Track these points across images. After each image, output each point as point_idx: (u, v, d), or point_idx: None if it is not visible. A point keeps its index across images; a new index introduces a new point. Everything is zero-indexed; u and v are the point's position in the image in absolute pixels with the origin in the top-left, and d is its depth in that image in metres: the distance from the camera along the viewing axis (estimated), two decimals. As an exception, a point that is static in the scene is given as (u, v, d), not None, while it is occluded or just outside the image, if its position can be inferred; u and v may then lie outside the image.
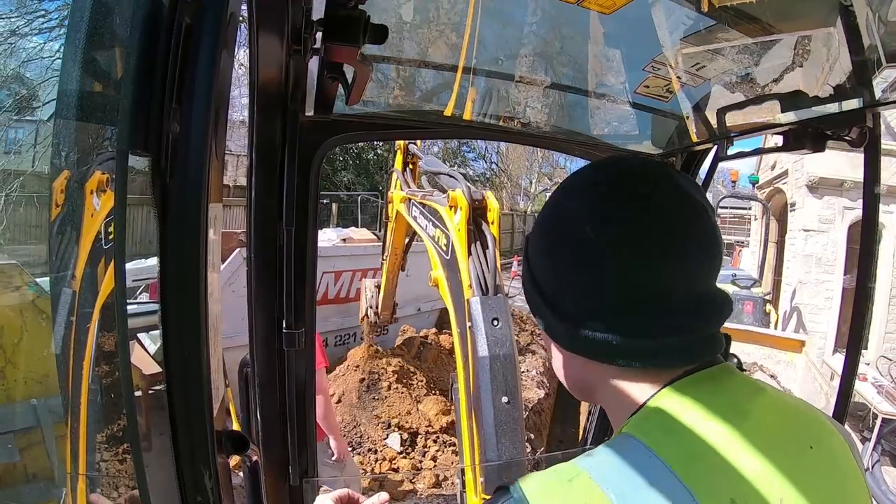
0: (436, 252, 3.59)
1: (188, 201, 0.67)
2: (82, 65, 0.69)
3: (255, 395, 1.63)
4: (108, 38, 0.68)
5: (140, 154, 0.62)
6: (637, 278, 0.70)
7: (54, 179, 1.15)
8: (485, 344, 2.83)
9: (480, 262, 3.16)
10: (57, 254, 1.28)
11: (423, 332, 9.62)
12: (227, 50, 0.67)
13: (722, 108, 1.73)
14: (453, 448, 6.79)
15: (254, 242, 1.54)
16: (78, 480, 1.22)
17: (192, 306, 0.71)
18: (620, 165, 0.79)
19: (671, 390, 0.70)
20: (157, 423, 0.75)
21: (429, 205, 3.98)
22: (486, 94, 1.87)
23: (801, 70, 1.46)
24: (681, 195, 0.73)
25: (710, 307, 0.73)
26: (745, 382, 0.75)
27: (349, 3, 1.05)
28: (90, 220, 2.16)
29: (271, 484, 1.67)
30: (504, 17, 1.67)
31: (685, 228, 0.71)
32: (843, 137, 1.49)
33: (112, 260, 1.07)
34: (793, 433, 0.71)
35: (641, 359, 0.71)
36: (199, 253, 0.69)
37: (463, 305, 3.05)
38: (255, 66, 1.19)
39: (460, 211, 3.33)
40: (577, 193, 0.78)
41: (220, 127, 0.72)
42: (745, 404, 0.71)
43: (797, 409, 0.76)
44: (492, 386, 2.78)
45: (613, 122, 2.08)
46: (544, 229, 0.80)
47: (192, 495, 0.73)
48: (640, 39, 1.56)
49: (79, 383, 1.25)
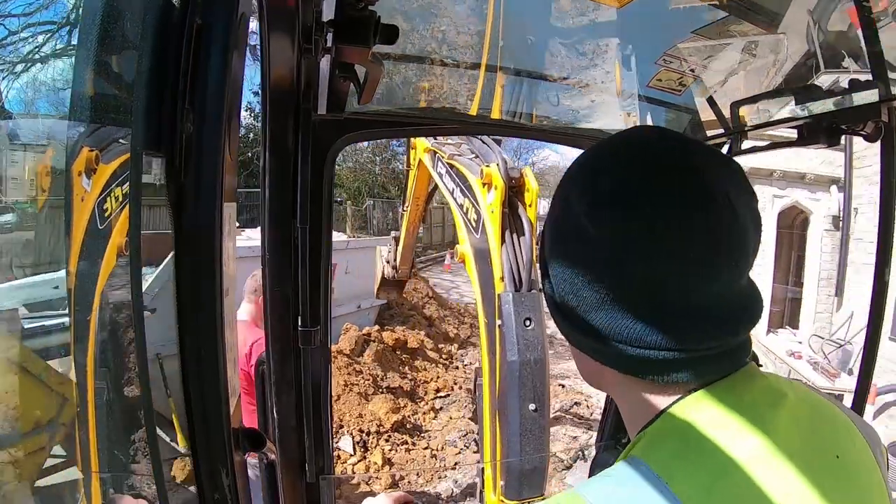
0: (463, 224, 3.24)
1: (203, 200, 0.68)
2: (95, 66, 0.70)
3: (271, 393, 1.64)
4: (120, 39, 0.69)
5: (154, 154, 0.62)
6: (661, 285, 0.62)
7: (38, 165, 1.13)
8: (515, 346, 2.67)
9: (515, 251, 2.89)
10: (47, 244, 1.29)
11: (365, 330, 9.50)
12: (239, 50, 0.67)
13: (736, 101, 1.71)
14: (406, 447, 6.73)
15: (268, 241, 1.55)
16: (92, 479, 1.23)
17: (208, 304, 0.71)
18: (637, 143, 0.69)
19: (690, 404, 0.64)
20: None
21: (457, 168, 3.53)
22: (497, 90, 1.86)
23: (815, 63, 1.44)
24: (706, 177, 0.63)
25: (743, 311, 0.66)
26: (767, 388, 0.68)
27: (359, 4, 1.05)
28: (80, 204, 2.11)
29: (288, 481, 1.68)
30: (516, 13, 1.67)
31: (711, 220, 0.62)
32: (857, 132, 1.47)
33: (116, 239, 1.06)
34: (819, 443, 0.66)
35: (671, 373, 0.65)
36: (213, 251, 0.70)
37: (492, 298, 2.84)
38: (267, 66, 1.20)
39: (495, 190, 2.98)
40: (587, 183, 0.68)
41: (233, 126, 0.72)
42: (768, 414, 0.64)
43: (821, 412, 0.71)
44: (520, 393, 2.66)
45: (626, 117, 2.06)
46: (556, 224, 0.72)
47: (209, 492, 0.73)
48: (652, 33, 1.55)
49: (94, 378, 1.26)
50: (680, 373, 0.64)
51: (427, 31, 1.65)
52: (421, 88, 1.90)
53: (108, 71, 0.70)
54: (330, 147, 1.63)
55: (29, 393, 1.84)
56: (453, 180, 3.59)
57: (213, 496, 0.73)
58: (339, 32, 1.10)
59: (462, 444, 7.04)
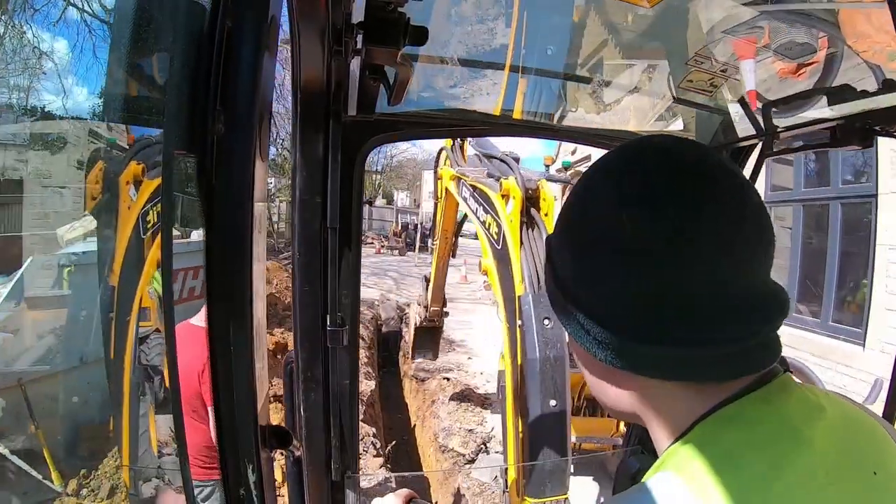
0: (486, 240, 3.42)
1: (233, 200, 0.68)
2: (127, 69, 0.72)
3: (298, 391, 1.66)
4: (152, 41, 0.70)
5: (186, 155, 0.63)
6: (691, 279, 0.62)
7: (88, 173, 1.19)
8: (535, 344, 2.74)
9: (534, 255, 3.02)
10: (96, 246, 1.34)
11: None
12: (269, 52, 0.68)
13: (768, 102, 1.67)
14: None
15: (298, 241, 1.57)
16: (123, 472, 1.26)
17: (238, 303, 0.72)
18: (657, 149, 0.69)
19: (725, 416, 0.63)
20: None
21: (479, 188, 3.76)
22: (529, 91, 1.86)
23: (849, 63, 1.40)
24: (729, 176, 0.65)
25: (769, 305, 0.65)
26: (803, 401, 0.67)
27: (388, 6, 1.06)
28: (126, 212, 2.26)
29: (313, 479, 1.70)
30: (547, 14, 1.66)
31: (740, 214, 0.63)
32: (891, 133, 1.42)
33: (154, 252, 1.10)
34: (857, 459, 0.64)
35: (700, 373, 0.64)
36: (244, 251, 0.71)
37: (513, 300, 2.94)
38: (298, 67, 1.21)
39: (513, 200, 3.17)
40: (610, 185, 0.68)
41: (264, 127, 0.73)
42: (806, 430, 0.63)
43: (859, 426, 0.69)
44: (541, 389, 2.71)
45: (657, 118, 2.03)
46: (572, 229, 0.72)
47: (234, 488, 0.74)
48: (683, 33, 1.52)
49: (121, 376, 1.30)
50: (716, 368, 0.64)
51: (455, 31, 1.65)
52: (452, 89, 1.90)
53: (140, 73, 0.71)
54: (360, 148, 1.65)
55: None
56: (476, 200, 3.82)
57: (239, 492, 0.74)
58: (369, 34, 1.10)
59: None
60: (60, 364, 5.01)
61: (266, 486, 0.78)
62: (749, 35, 1.41)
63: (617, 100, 1.93)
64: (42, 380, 4.78)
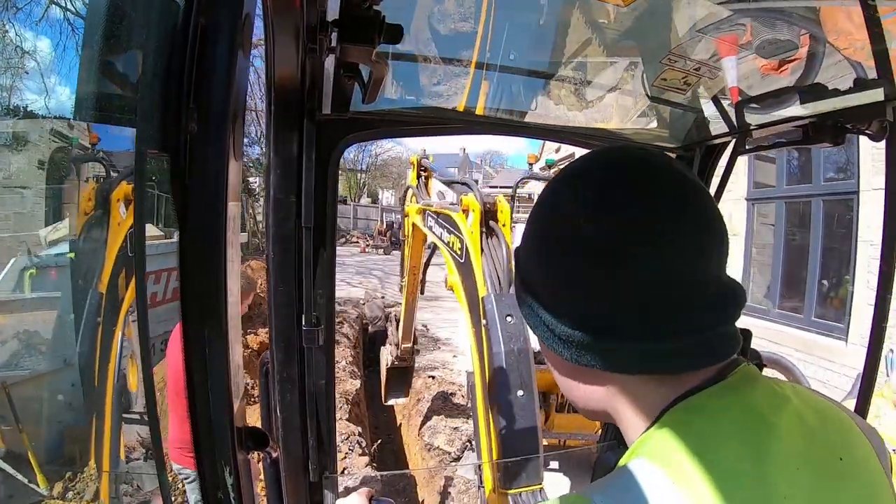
0: (451, 257, 3.68)
1: (208, 200, 0.68)
2: (98, 66, 0.70)
3: (275, 392, 1.65)
4: (124, 39, 0.69)
5: (158, 154, 0.62)
6: (649, 277, 0.65)
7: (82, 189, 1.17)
8: (500, 339, 2.87)
9: (493, 260, 3.23)
10: (84, 259, 1.33)
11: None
12: (243, 50, 0.67)
13: (740, 101, 1.71)
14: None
15: (273, 241, 1.55)
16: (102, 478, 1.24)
17: (213, 303, 0.71)
18: (619, 156, 0.73)
19: (693, 404, 0.65)
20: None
21: (443, 213, 4.08)
22: (500, 88, 1.87)
23: (820, 62, 1.43)
24: (685, 180, 0.68)
25: (727, 299, 0.68)
26: (768, 390, 0.69)
27: (364, 3, 1.06)
28: (116, 228, 2.25)
29: (291, 480, 1.69)
30: (518, 10, 1.67)
31: (696, 214, 0.66)
32: (863, 131, 1.47)
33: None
34: (822, 445, 0.67)
35: (662, 364, 0.66)
36: (219, 251, 0.70)
37: (478, 304, 3.09)
38: (272, 65, 1.20)
39: (472, 213, 3.42)
40: (570, 192, 0.72)
41: (237, 126, 0.72)
42: (772, 417, 0.65)
43: (825, 415, 0.71)
44: (508, 380, 2.82)
45: (629, 116, 2.06)
46: (540, 232, 0.75)
47: (212, 491, 0.73)
48: (657, 31, 1.54)
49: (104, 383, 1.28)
50: (678, 360, 0.66)
51: (431, 29, 1.65)
52: (426, 88, 1.90)
53: (112, 71, 0.70)
54: (335, 147, 1.64)
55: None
56: (441, 225, 4.12)
57: (217, 494, 0.74)
58: (344, 32, 1.10)
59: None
60: (43, 366, 4.90)
61: (244, 488, 0.77)
62: (723, 33, 1.44)
63: (593, 98, 1.95)
64: (25, 382, 4.67)
